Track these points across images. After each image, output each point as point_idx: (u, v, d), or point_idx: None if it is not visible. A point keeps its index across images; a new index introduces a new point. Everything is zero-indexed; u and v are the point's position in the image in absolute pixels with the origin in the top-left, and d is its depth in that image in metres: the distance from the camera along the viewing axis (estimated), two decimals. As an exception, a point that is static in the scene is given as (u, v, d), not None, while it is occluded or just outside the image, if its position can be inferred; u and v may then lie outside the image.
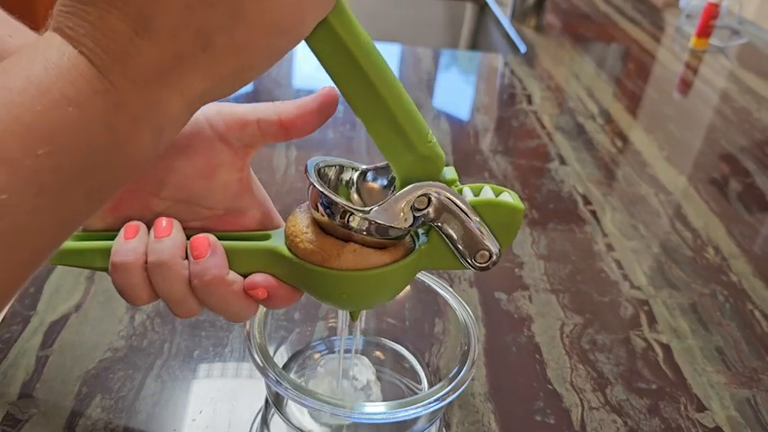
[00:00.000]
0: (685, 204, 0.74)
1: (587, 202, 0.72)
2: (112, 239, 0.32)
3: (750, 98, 1.08)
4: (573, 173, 0.78)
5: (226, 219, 0.35)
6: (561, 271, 0.60)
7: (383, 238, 0.32)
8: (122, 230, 0.32)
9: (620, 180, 0.78)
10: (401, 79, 1.04)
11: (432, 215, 0.32)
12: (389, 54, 1.13)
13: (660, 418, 0.46)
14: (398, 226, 0.31)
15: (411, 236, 0.34)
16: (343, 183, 0.35)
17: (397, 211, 0.31)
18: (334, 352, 0.45)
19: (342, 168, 0.35)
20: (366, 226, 0.31)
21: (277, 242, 0.33)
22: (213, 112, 0.32)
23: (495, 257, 0.33)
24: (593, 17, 1.46)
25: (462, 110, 0.95)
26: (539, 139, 0.86)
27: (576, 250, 0.63)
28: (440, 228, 0.32)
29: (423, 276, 0.45)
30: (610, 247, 0.64)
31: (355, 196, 0.35)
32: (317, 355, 0.45)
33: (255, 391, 0.44)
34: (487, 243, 0.33)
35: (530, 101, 0.97)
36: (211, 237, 0.32)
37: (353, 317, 0.37)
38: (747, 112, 1.03)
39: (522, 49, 1.19)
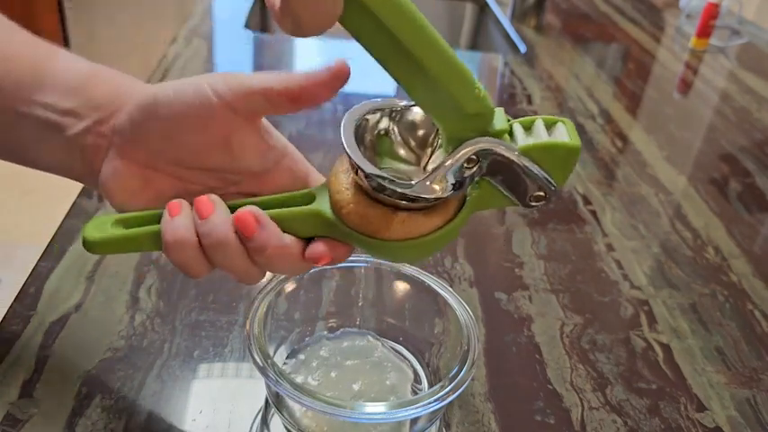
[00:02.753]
0: (685, 204, 0.74)
1: (587, 202, 0.72)
2: (153, 221, 0.33)
3: (750, 98, 1.08)
4: (573, 173, 0.78)
5: (261, 177, 0.35)
6: (561, 271, 0.60)
7: (431, 203, 0.30)
8: (166, 210, 0.32)
9: (620, 180, 0.78)
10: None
11: (483, 170, 0.30)
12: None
13: (660, 418, 0.46)
14: (446, 195, 0.30)
15: None
16: (383, 133, 0.33)
17: (444, 181, 0.29)
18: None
19: (380, 115, 0.32)
20: (411, 200, 0.30)
21: (323, 206, 0.32)
22: (219, 80, 0.32)
23: (549, 196, 0.31)
24: (593, 17, 1.46)
25: (462, 110, 0.95)
26: (539, 139, 0.86)
27: (575, 250, 0.63)
28: (492, 179, 0.31)
29: (423, 276, 0.45)
30: (610, 247, 0.64)
31: (401, 151, 0.33)
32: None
33: (255, 391, 0.44)
34: (542, 187, 0.30)
35: (530, 101, 0.97)
36: (254, 209, 0.31)
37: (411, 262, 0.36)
38: (747, 112, 1.03)
39: (522, 49, 1.19)
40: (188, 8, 1.21)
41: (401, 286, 0.46)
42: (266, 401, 0.43)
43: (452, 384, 0.37)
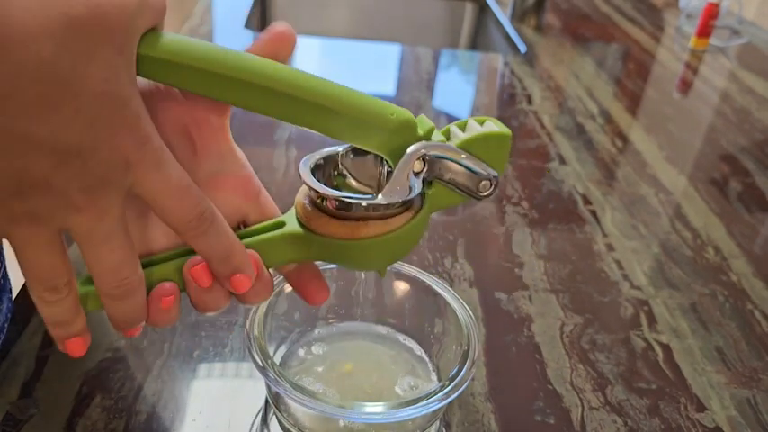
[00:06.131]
0: (685, 204, 0.74)
1: (587, 202, 0.72)
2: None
3: (750, 98, 1.08)
4: (573, 173, 0.78)
5: (214, 181, 0.33)
6: (561, 271, 0.60)
7: (397, 209, 0.33)
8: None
9: (620, 180, 0.78)
10: (401, 79, 1.04)
11: (430, 172, 0.33)
12: (389, 54, 1.13)
13: (660, 418, 0.46)
14: (408, 198, 0.33)
15: None
16: (336, 172, 0.36)
17: (402, 186, 0.32)
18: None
19: (330, 157, 0.36)
20: (380, 209, 0.32)
21: (293, 227, 0.34)
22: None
23: (494, 185, 0.35)
24: (593, 17, 1.46)
25: (462, 110, 0.95)
26: (539, 139, 0.86)
27: (575, 250, 0.63)
28: (440, 178, 0.34)
29: (423, 276, 0.45)
30: (610, 247, 0.64)
31: (353, 182, 0.36)
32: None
33: (255, 391, 0.44)
34: (486, 173, 0.34)
35: (530, 101, 0.97)
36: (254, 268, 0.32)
37: (382, 274, 0.38)
38: (747, 112, 1.03)
39: (522, 49, 1.19)
40: (188, 8, 1.21)
41: (401, 286, 0.46)
42: (266, 401, 0.43)
43: (452, 384, 0.37)
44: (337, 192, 0.33)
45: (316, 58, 1.09)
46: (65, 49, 0.23)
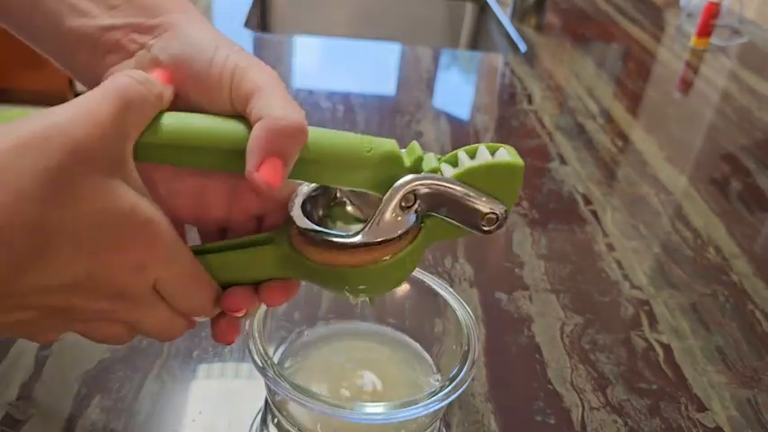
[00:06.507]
0: (686, 204, 0.74)
1: (587, 201, 0.72)
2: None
3: (751, 97, 1.08)
4: (573, 173, 0.78)
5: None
6: (561, 271, 0.60)
7: (386, 242, 0.31)
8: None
9: (620, 180, 0.78)
10: (401, 79, 1.04)
11: (424, 206, 0.31)
12: (389, 54, 1.13)
13: (661, 418, 0.46)
14: (395, 235, 0.31)
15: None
16: (334, 201, 0.35)
17: (388, 223, 0.30)
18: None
19: (324, 190, 0.34)
20: (365, 244, 0.31)
21: (282, 244, 0.33)
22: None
23: (501, 219, 0.31)
24: (593, 17, 1.46)
25: (462, 110, 0.95)
26: (539, 139, 0.86)
27: (576, 250, 0.63)
28: (436, 212, 0.31)
29: (423, 276, 0.45)
30: (610, 247, 0.64)
31: (350, 208, 0.34)
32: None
33: (255, 391, 0.44)
34: (489, 209, 0.31)
35: (530, 100, 0.97)
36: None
37: (371, 302, 0.36)
38: (748, 112, 1.02)
39: (523, 48, 1.19)
40: (188, 8, 1.21)
41: (401, 286, 0.46)
42: (266, 401, 0.43)
43: (453, 384, 0.37)
44: (317, 227, 0.31)
45: (316, 58, 1.09)
46: (50, 205, 0.22)
